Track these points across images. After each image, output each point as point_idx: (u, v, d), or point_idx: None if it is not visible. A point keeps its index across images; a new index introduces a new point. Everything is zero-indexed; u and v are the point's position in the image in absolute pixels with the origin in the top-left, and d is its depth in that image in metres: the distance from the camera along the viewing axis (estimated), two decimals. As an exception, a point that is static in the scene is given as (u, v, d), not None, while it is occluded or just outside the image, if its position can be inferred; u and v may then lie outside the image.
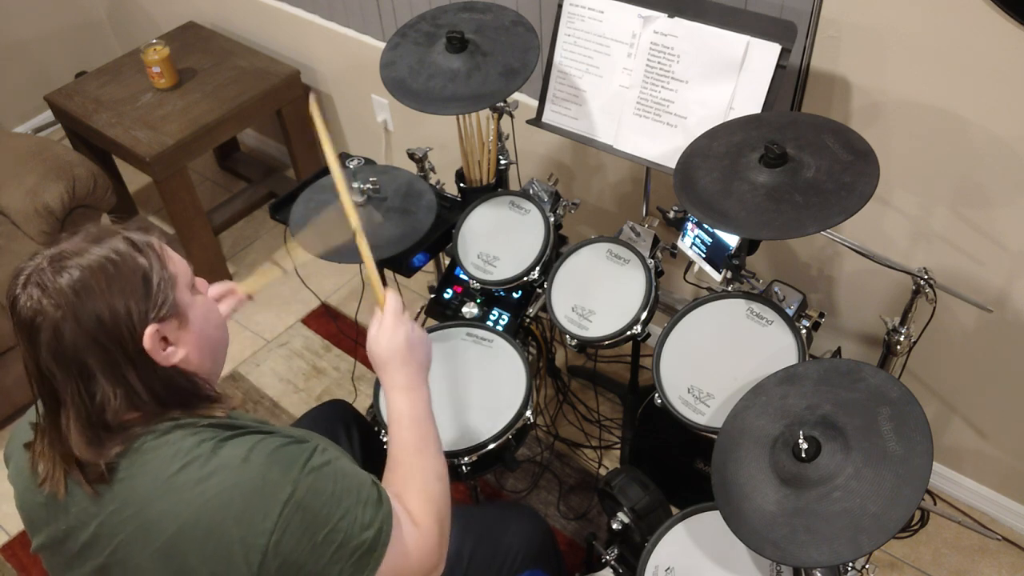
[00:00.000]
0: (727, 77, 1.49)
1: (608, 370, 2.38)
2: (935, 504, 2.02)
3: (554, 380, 2.30)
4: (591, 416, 2.27)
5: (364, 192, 1.65)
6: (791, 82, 1.64)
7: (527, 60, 1.61)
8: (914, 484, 1.09)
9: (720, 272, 1.61)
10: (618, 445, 2.19)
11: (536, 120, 1.75)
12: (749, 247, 1.61)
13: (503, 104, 1.76)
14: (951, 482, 2.03)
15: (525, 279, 1.71)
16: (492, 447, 1.51)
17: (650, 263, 1.63)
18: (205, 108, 2.54)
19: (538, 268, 1.71)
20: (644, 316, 1.58)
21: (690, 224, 1.67)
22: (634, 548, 1.52)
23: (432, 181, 1.90)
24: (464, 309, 1.80)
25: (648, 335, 1.61)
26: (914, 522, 1.81)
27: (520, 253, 1.73)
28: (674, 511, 1.45)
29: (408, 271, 1.90)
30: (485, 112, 1.79)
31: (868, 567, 1.31)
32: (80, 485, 0.97)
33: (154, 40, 2.62)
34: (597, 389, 2.32)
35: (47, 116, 3.26)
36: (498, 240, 1.77)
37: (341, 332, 2.60)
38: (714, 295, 1.55)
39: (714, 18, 1.49)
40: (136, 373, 0.96)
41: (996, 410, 1.84)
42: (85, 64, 3.18)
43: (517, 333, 1.80)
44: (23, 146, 2.40)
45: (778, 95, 1.46)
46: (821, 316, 1.54)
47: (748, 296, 1.51)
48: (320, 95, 2.79)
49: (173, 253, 1.03)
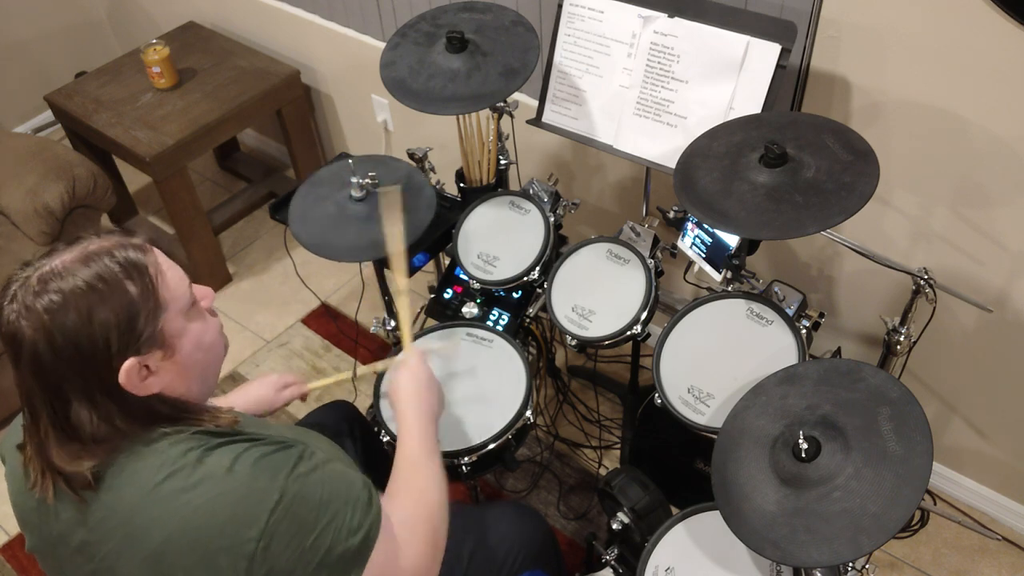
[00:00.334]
0: (727, 77, 1.49)
1: (608, 370, 2.38)
2: (935, 504, 2.02)
3: (554, 380, 2.30)
4: (591, 416, 2.27)
5: (363, 187, 1.64)
6: (791, 82, 1.64)
7: (527, 60, 1.61)
8: (914, 484, 1.09)
9: (720, 272, 1.61)
10: (618, 445, 2.19)
11: (536, 120, 1.75)
12: (749, 247, 1.61)
13: (503, 104, 1.76)
14: (951, 482, 2.03)
15: (525, 279, 1.71)
16: (492, 447, 1.51)
17: (650, 263, 1.63)
18: (205, 108, 2.54)
19: (538, 268, 1.71)
20: (644, 316, 1.58)
21: (690, 224, 1.67)
22: (634, 548, 1.51)
23: (432, 181, 1.90)
24: (464, 309, 1.80)
25: (648, 335, 1.61)
26: (914, 522, 1.81)
27: (520, 253, 1.73)
28: (674, 511, 1.45)
29: (408, 271, 1.90)
30: (485, 112, 1.79)
31: (868, 567, 1.31)
32: (67, 492, 0.97)
33: (154, 40, 2.62)
34: (597, 389, 2.32)
35: (47, 116, 3.26)
36: (498, 240, 1.77)
37: (341, 332, 2.60)
38: (714, 295, 1.55)
39: (714, 18, 1.49)
40: (112, 401, 0.94)
41: (996, 410, 1.84)
42: (85, 64, 3.18)
43: (517, 333, 1.80)
44: (23, 146, 2.40)
45: (778, 95, 1.46)
46: (821, 316, 1.54)
47: (748, 296, 1.51)
48: (320, 95, 2.79)
49: (172, 274, 0.99)
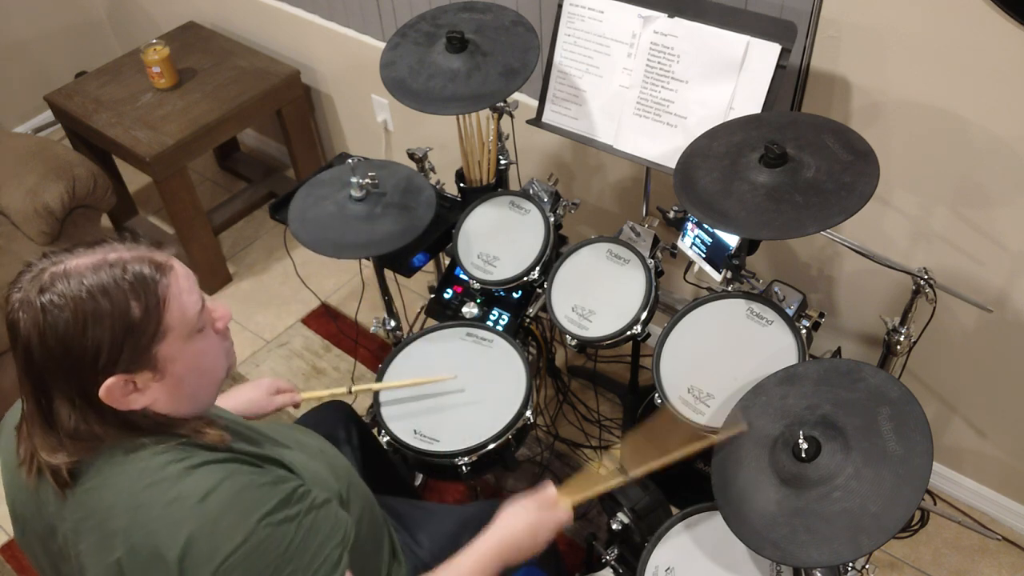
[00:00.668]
0: (727, 77, 1.49)
1: (608, 370, 2.38)
2: (935, 504, 2.02)
3: (554, 380, 2.30)
4: (591, 416, 2.27)
5: (363, 187, 1.64)
6: (791, 82, 1.64)
7: (527, 60, 1.62)
8: (914, 484, 1.09)
9: (720, 272, 1.61)
10: (618, 445, 2.19)
11: (536, 120, 1.75)
12: (749, 247, 1.61)
13: (503, 104, 1.76)
14: (951, 482, 2.03)
15: (525, 279, 1.71)
16: (492, 447, 1.51)
17: (650, 263, 1.63)
18: (205, 108, 2.54)
19: (538, 268, 1.71)
20: (644, 316, 1.58)
21: (690, 224, 1.67)
22: (634, 548, 1.51)
23: (432, 181, 1.90)
24: (464, 309, 1.80)
25: (648, 335, 1.61)
26: (914, 522, 1.81)
27: (520, 253, 1.73)
28: (674, 511, 1.45)
29: (408, 271, 1.90)
30: (485, 112, 1.79)
31: (868, 567, 1.31)
32: (50, 483, 0.97)
33: (154, 40, 2.62)
34: (597, 389, 2.32)
35: (47, 116, 3.26)
36: (498, 240, 1.77)
37: (341, 332, 2.60)
38: (714, 295, 1.55)
39: (714, 18, 1.49)
40: (91, 408, 0.93)
41: (996, 410, 1.84)
42: (85, 64, 3.18)
43: (517, 333, 1.80)
44: (23, 146, 2.40)
45: (778, 95, 1.46)
46: (821, 316, 1.54)
47: (748, 296, 1.51)
48: (320, 95, 2.79)
49: (184, 300, 0.95)
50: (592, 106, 1.67)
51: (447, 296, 1.86)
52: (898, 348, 1.51)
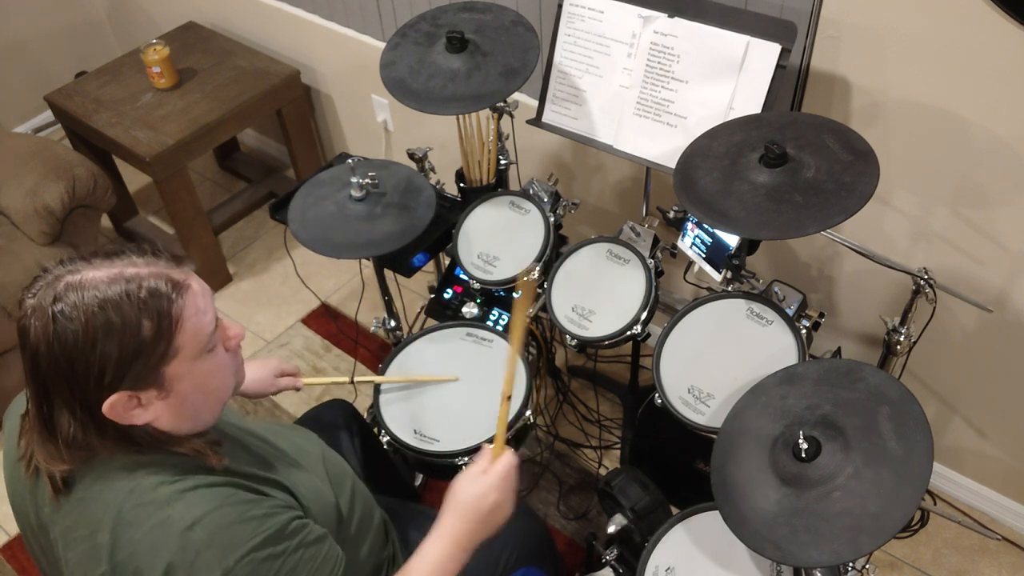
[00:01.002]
0: (727, 77, 1.49)
1: (608, 370, 2.38)
2: (935, 504, 2.02)
3: (554, 380, 2.30)
4: (591, 416, 2.27)
5: (363, 187, 1.64)
6: (791, 82, 1.64)
7: (527, 60, 1.61)
8: (914, 484, 1.09)
9: (720, 272, 1.61)
10: (618, 445, 2.19)
11: (536, 120, 1.75)
12: (749, 247, 1.61)
13: (503, 104, 1.76)
14: (951, 482, 2.03)
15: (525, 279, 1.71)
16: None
17: (650, 263, 1.63)
18: (205, 108, 2.54)
19: (538, 268, 1.71)
20: (644, 316, 1.58)
21: (690, 224, 1.67)
22: (634, 548, 1.52)
23: (432, 181, 1.90)
24: (464, 309, 1.80)
25: (648, 335, 1.61)
26: (914, 522, 1.80)
27: (520, 253, 1.73)
28: (674, 511, 1.45)
29: (408, 271, 1.90)
30: (485, 112, 1.79)
31: (868, 567, 1.31)
32: (46, 488, 0.97)
33: (154, 40, 2.62)
34: (597, 389, 2.32)
35: (47, 116, 3.26)
36: (498, 240, 1.77)
37: (341, 332, 2.60)
38: (714, 295, 1.55)
39: (714, 18, 1.49)
40: (92, 420, 0.92)
41: (996, 410, 1.84)
42: (85, 64, 3.18)
43: (517, 333, 1.80)
44: (23, 146, 2.40)
45: (778, 95, 1.46)
46: (821, 316, 1.54)
47: (748, 296, 1.51)
48: (320, 95, 2.79)
49: (197, 320, 0.94)
50: (592, 106, 1.67)
51: (447, 296, 1.85)
52: (898, 348, 1.51)
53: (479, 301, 1.81)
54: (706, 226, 1.62)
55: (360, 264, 2.54)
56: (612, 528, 1.50)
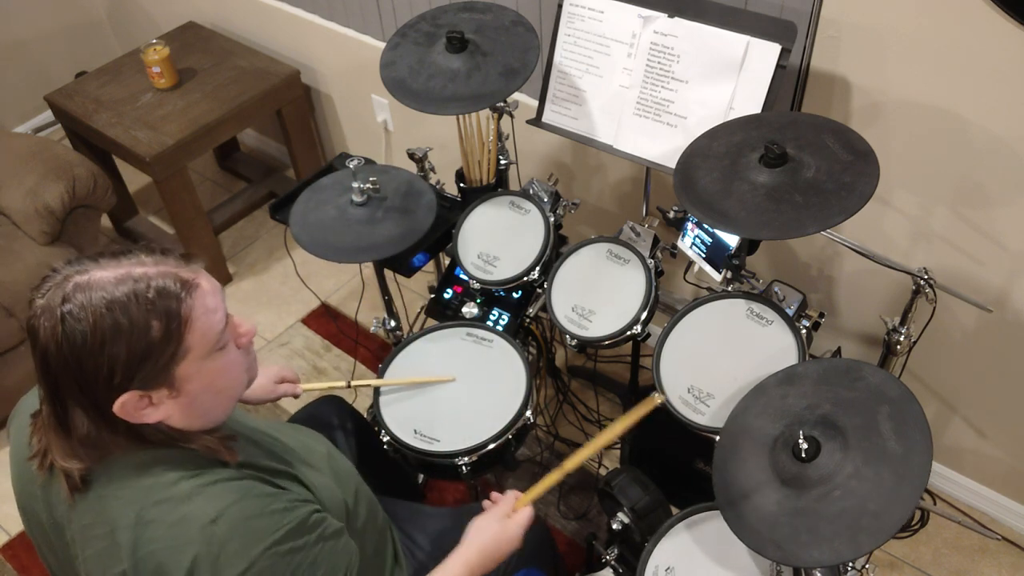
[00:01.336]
0: (727, 77, 1.49)
1: (608, 370, 2.38)
2: (935, 504, 2.02)
3: (554, 380, 2.30)
4: (591, 416, 2.27)
5: (364, 192, 1.65)
6: (791, 82, 1.64)
7: (527, 60, 1.62)
8: (914, 483, 1.09)
9: (720, 272, 1.61)
10: (618, 445, 2.19)
11: (536, 120, 1.75)
12: (749, 247, 1.61)
13: (503, 104, 1.76)
14: (951, 482, 2.03)
15: (525, 279, 1.71)
16: (492, 447, 1.51)
17: (650, 263, 1.63)
18: (205, 108, 2.54)
19: (538, 268, 1.71)
20: (644, 316, 1.58)
21: (690, 224, 1.67)
22: (634, 548, 1.51)
23: (432, 181, 1.90)
24: (464, 309, 1.80)
25: (648, 335, 1.61)
26: (914, 522, 1.80)
27: (520, 253, 1.73)
28: (674, 511, 1.45)
29: (408, 271, 1.90)
30: (485, 112, 1.79)
31: (868, 567, 1.31)
32: (61, 486, 0.97)
33: (154, 40, 2.62)
34: (597, 389, 2.32)
35: (47, 116, 3.26)
36: (498, 240, 1.77)
37: (341, 332, 2.60)
38: (714, 295, 1.55)
39: (714, 18, 1.49)
40: (104, 419, 0.92)
41: (996, 410, 1.84)
42: (85, 64, 3.18)
43: (517, 333, 1.80)
44: (23, 146, 2.40)
45: (778, 95, 1.46)
46: (821, 316, 1.54)
47: (748, 296, 1.51)
48: (320, 95, 2.79)
49: (207, 320, 0.93)
50: (592, 106, 1.67)
51: (447, 296, 1.86)
52: (898, 348, 1.51)
53: (479, 301, 1.81)
54: (706, 226, 1.62)
55: (360, 264, 2.54)
56: (616, 525, 1.50)
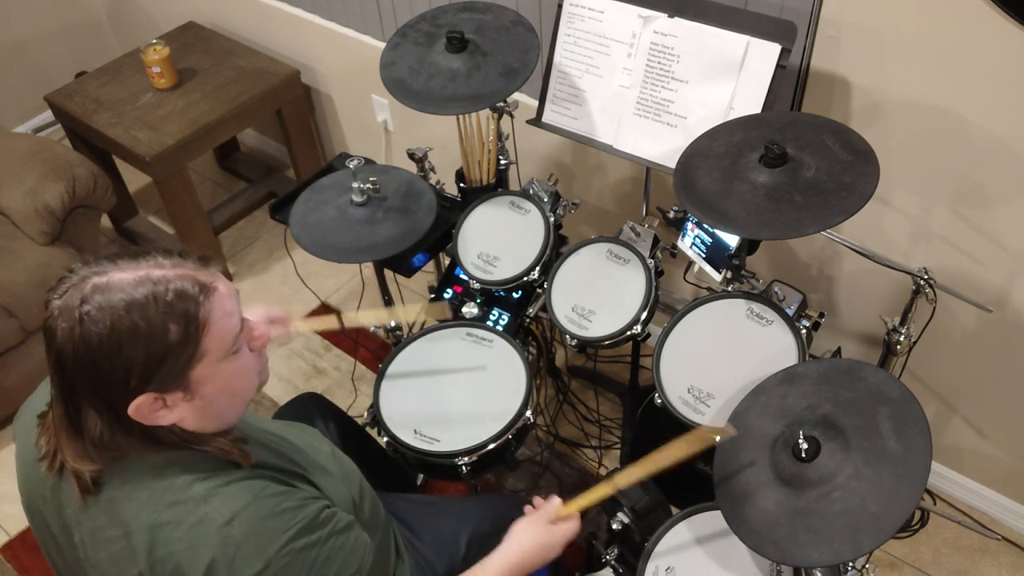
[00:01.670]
0: (727, 77, 1.49)
1: (608, 370, 2.38)
2: (935, 504, 2.02)
3: (554, 380, 2.30)
4: (591, 416, 2.27)
5: (364, 192, 1.65)
6: (791, 82, 1.64)
7: (527, 60, 1.62)
8: (914, 483, 1.09)
9: (720, 272, 1.61)
10: (618, 445, 2.19)
11: (536, 120, 1.75)
12: (749, 247, 1.61)
13: (503, 104, 1.76)
14: (951, 482, 2.03)
15: (525, 279, 1.71)
16: (492, 447, 1.51)
17: (650, 263, 1.63)
18: (205, 108, 2.54)
19: (538, 268, 1.71)
20: (644, 316, 1.58)
21: (690, 224, 1.67)
22: (634, 548, 1.51)
23: (432, 181, 1.90)
24: (464, 309, 1.80)
25: (648, 335, 1.61)
26: (914, 522, 1.80)
27: (520, 253, 1.73)
28: (674, 511, 1.45)
29: (408, 271, 1.90)
30: (485, 112, 1.79)
31: (868, 567, 1.31)
32: (72, 488, 0.97)
33: (154, 40, 2.62)
34: (597, 389, 2.32)
35: (47, 116, 3.26)
36: (498, 240, 1.77)
37: (341, 332, 2.60)
38: (714, 295, 1.55)
39: (714, 18, 1.49)
40: (118, 421, 0.92)
41: (996, 410, 1.84)
42: (85, 64, 3.18)
43: (517, 333, 1.80)
44: (23, 146, 2.40)
45: (778, 95, 1.46)
46: (821, 316, 1.54)
47: (748, 296, 1.51)
48: (320, 95, 2.79)
49: (223, 324, 0.93)
50: (592, 106, 1.67)
51: (447, 296, 1.86)
52: (898, 348, 1.51)
53: (479, 301, 1.81)
54: (706, 226, 1.62)
55: (360, 264, 2.54)
56: (616, 525, 1.50)
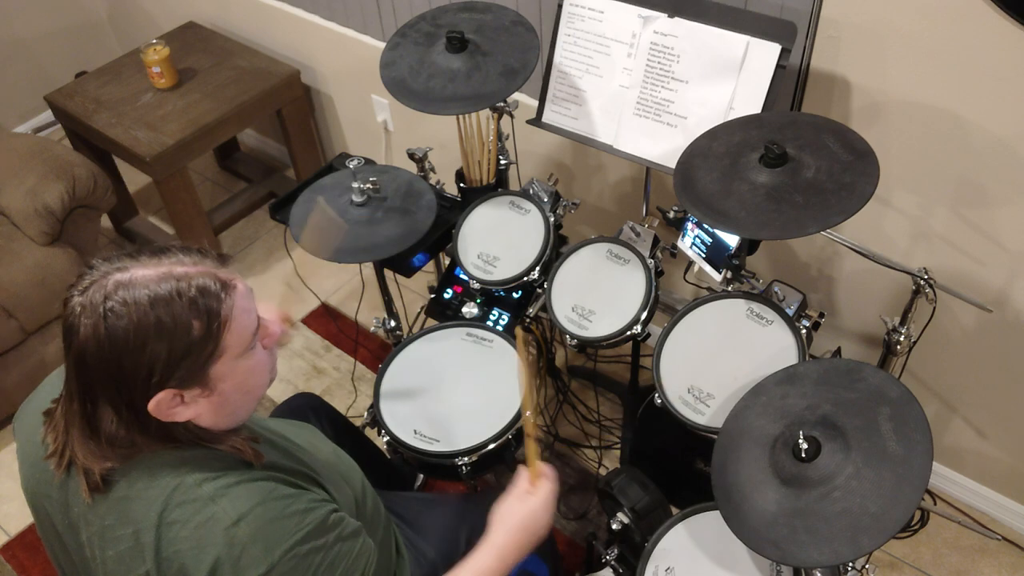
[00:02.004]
0: (727, 77, 1.49)
1: (608, 370, 2.38)
2: (935, 504, 2.02)
3: (554, 380, 2.30)
4: (591, 416, 2.27)
5: (364, 192, 1.65)
6: (791, 82, 1.64)
7: (527, 60, 1.62)
8: (914, 484, 1.09)
9: (720, 272, 1.61)
10: (618, 445, 2.19)
11: (536, 120, 1.75)
12: (749, 247, 1.61)
13: (503, 104, 1.76)
14: (951, 482, 2.03)
15: (525, 279, 1.71)
16: (492, 447, 1.51)
17: (650, 263, 1.63)
18: (205, 108, 2.54)
19: (538, 268, 1.71)
20: (644, 316, 1.58)
21: (690, 224, 1.67)
22: (634, 548, 1.51)
23: (432, 181, 1.90)
24: (464, 309, 1.80)
25: (648, 335, 1.61)
26: (914, 522, 1.80)
27: (520, 253, 1.73)
28: (674, 511, 1.45)
29: (408, 271, 1.90)
30: (485, 112, 1.79)
31: (868, 567, 1.31)
32: (80, 485, 0.97)
33: (154, 40, 2.62)
34: (597, 389, 2.32)
35: (47, 116, 3.26)
36: (498, 240, 1.77)
37: (341, 332, 2.60)
38: (714, 295, 1.55)
39: (714, 18, 1.49)
40: (136, 417, 0.93)
41: (996, 410, 1.84)
42: (85, 64, 3.18)
43: (517, 333, 1.80)
44: (23, 146, 2.40)
45: (778, 95, 1.46)
46: (821, 316, 1.54)
47: (748, 296, 1.51)
48: (320, 95, 2.79)
49: (242, 320, 0.94)
50: (592, 106, 1.67)
51: (447, 296, 1.86)
52: (898, 348, 1.51)
53: (479, 301, 1.81)
54: (706, 226, 1.62)
55: (360, 264, 2.54)
56: (616, 525, 1.50)
